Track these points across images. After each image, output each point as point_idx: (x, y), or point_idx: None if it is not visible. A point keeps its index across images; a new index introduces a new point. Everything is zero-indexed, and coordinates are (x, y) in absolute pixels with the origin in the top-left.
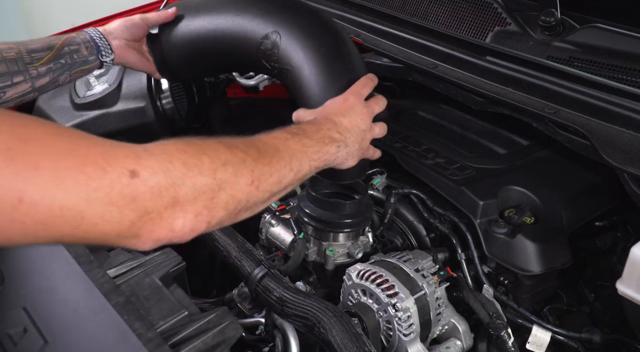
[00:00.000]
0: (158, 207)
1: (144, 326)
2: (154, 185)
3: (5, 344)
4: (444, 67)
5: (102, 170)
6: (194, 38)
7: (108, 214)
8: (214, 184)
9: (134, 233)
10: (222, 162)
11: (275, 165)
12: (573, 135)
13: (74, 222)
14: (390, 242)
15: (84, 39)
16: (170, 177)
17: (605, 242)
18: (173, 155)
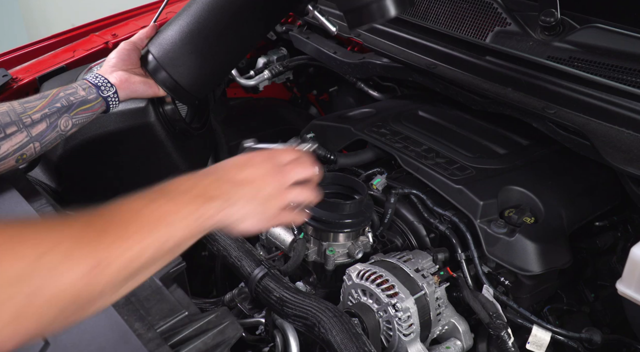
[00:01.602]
0: None
1: (144, 326)
2: None
3: None
4: (444, 67)
5: None
6: (189, 34)
7: None
8: (15, 288)
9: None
10: (36, 257)
11: (120, 247)
12: (573, 135)
13: None
14: (390, 242)
15: (80, 83)
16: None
17: (605, 242)
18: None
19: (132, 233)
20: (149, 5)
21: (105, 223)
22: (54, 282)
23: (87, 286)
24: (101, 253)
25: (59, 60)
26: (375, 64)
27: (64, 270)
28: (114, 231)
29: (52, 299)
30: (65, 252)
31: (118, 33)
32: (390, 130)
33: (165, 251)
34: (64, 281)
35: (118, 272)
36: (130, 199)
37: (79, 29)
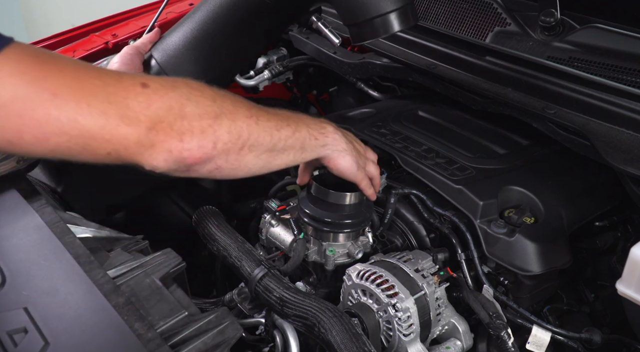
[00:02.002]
0: (169, 117)
1: (144, 327)
2: (163, 95)
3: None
4: (444, 67)
5: (116, 80)
6: (192, 40)
7: (127, 118)
8: (215, 106)
9: (150, 141)
10: (221, 94)
11: (272, 115)
12: (573, 135)
13: (100, 121)
14: (390, 243)
15: None
16: (176, 92)
17: (605, 242)
18: (177, 80)
19: (277, 113)
20: (149, 5)
21: (256, 104)
22: (234, 112)
23: (253, 124)
24: (257, 111)
25: None
26: (375, 64)
27: (240, 107)
28: (264, 108)
29: (235, 121)
30: (235, 99)
31: (118, 33)
32: (390, 130)
33: (294, 140)
34: (240, 114)
35: (265, 129)
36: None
37: (79, 29)
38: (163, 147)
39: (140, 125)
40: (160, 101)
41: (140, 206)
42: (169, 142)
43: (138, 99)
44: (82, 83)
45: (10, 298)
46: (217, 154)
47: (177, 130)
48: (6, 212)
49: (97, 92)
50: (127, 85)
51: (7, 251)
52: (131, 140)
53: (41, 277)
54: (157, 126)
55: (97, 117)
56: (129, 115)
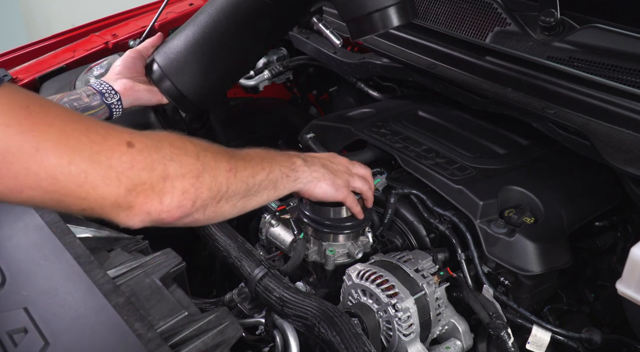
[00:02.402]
0: (151, 179)
1: (144, 327)
2: (147, 156)
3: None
4: (444, 67)
5: (103, 137)
6: (194, 44)
7: (108, 178)
8: (198, 164)
9: (129, 202)
10: (203, 148)
11: (248, 162)
12: (573, 135)
13: (78, 180)
14: (390, 243)
15: (85, 89)
16: (160, 153)
17: (605, 242)
18: (161, 137)
19: (252, 158)
20: (149, 5)
21: (234, 149)
22: (216, 167)
23: (232, 177)
24: (235, 162)
25: (59, 61)
26: (375, 64)
27: (220, 162)
28: (241, 153)
29: (216, 177)
30: (216, 153)
31: (118, 33)
32: (390, 130)
33: (268, 182)
34: (221, 168)
35: (242, 180)
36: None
37: (79, 29)
38: (142, 209)
39: (121, 186)
40: (144, 162)
41: None
42: (148, 205)
43: (122, 159)
44: (67, 139)
45: (10, 298)
46: (195, 210)
47: (159, 192)
48: (6, 212)
49: (81, 149)
50: (112, 144)
51: (7, 251)
52: (109, 200)
53: (41, 277)
54: (138, 188)
55: (76, 176)
56: (110, 176)
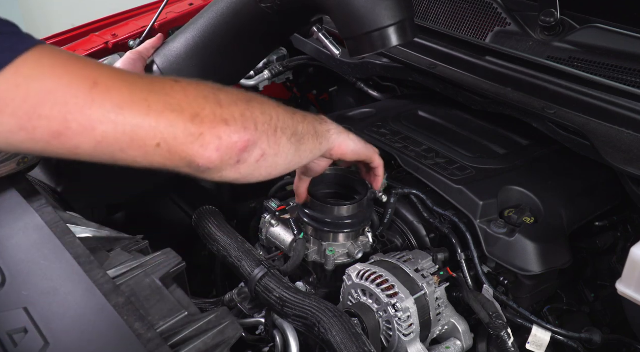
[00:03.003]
0: (209, 104)
1: (144, 327)
2: (196, 87)
3: (5, 345)
4: (444, 67)
5: (150, 76)
6: (193, 48)
7: (169, 105)
8: (241, 94)
9: (198, 129)
10: (237, 93)
11: (280, 104)
12: (573, 135)
13: (142, 108)
14: (390, 243)
15: None
16: (206, 85)
17: (605, 242)
18: (198, 81)
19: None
20: (149, 5)
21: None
22: (259, 100)
23: (275, 111)
24: (275, 105)
25: None
26: (375, 64)
27: (258, 97)
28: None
29: (262, 107)
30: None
31: (118, 33)
32: (390, 130)
33: (307, 124)
34: (265, 102)
35: (286, 114)
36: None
37: (79, 29)
38: (212, 134)
39: (184, 113)
40: (196, 91)
41: (140, 206)
42: (216, 129)
43: (175, 89)
44: (120, 75)
45: (10, 298)
46: (259, 136)
47: (220, 117)
48: (6, 212)
49: (136, 82)
50: (161, 79)
51: (7, 251)
52: (179, 129)
53: (41, 277)
54: (201, 114)
55: (139, 104)
56: (171, 103)
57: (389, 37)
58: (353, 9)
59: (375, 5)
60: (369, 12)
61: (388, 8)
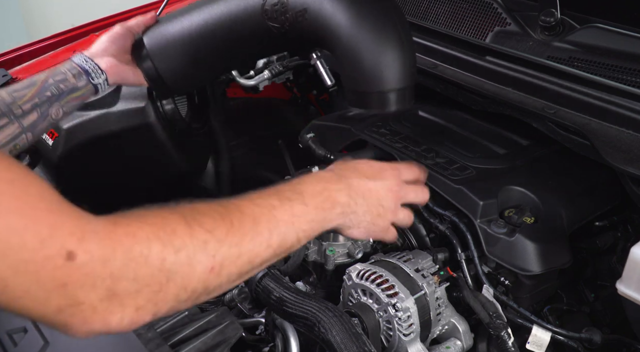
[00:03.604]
0: (91, 299)
1: (143, 326)
2: (88, 272)
3: (5, 344)
4: (444, 67)
5: (40, 243)
6: (186, 36)
7: (34, 293)
8: (160, 275)
9: (63, 321)
10: (175, 249)
11: (246, 245)
12: (573, 135)
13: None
14: (390, 242)
15: (69, 67)
16: (108, 267)
17: (605, 242)
18: (117, 242)
19: (259, 231)
20: (148, 6)
21: (236, 220)
22: (189, 272)
23: (214, 277)
24: (224, 253)
25: (59, 60)
26: None
27: (198, 263)
28: (242, 229)
29: (187, 285)
30: (200, 246)
31: None
32: (390, 130)
33: (276, 256)
34: (198, 272)
35: (240, 267)
36: (265, 193)
37: (79, 29)
38: (80, 329)
39: (50, 304)
40: (82, 280)
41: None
42: (88, 325)
43: (53, 275)
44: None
45: None
46: (159, 317)
47: (103, 312)
48: None
49: (7, 254)
50: (48, 253)
51: None
52: (36, 315)
53: None
54: (74, 307)
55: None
56: (36, 291)
57: (388, 102)
58: (361, 65)
59: (383, 68)
60: (376, 73)
61: (394, 73)
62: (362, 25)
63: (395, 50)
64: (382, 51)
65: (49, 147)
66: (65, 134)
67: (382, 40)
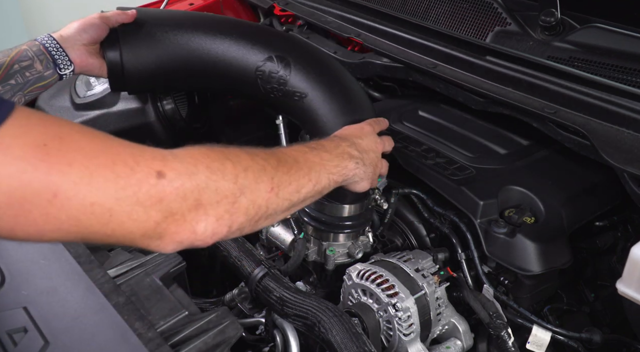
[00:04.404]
0: (182, 209)
1: (144, 326)
2: (179, 186)
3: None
4: (444, 67)
5: (131, 169)
6: (167, 46)
7: (135, 213)
8: (235, 188)
9: (159, 234)
10: (244, 168)
11: (294, 175)
12: (573, 135)
13: (103, 219)
14: (390, 242)
15: (38, 51)
16: (194, 180)
17: (605, 242)
18: (198, 159)
19: (300, 167)
20: (148, 5)
21: (282, 156)
22: (256, 189)
23: (274, 197)
24: (279, 178)
25: None
26: (375, 64)
27: (261, 182)
28: (288, 163)
29: (255, 200)
30: (261, 169)
31: None
32: (390, 130)
33: (315, 192)
34: (262, 190)
35: (285, 197)
36: (294, 145)
37: None
38: (173, 238)
39: (149, 220)
40: (175, 193)
41: None
42: (180, 234)
43: (150, 192)
44: (90, 178)
45: (10, 298)
46: (231, 233)
47: (191, 222)
48: None
49: (106, 186)
50: (140, 176)
51: (7, 250)
52: (137, 234)
53: (41, 276)
54: (168, 219)
55: (101, 216)
56: (137, 211)
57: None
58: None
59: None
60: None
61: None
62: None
63: None
64: None
65: None
66: None
67: None
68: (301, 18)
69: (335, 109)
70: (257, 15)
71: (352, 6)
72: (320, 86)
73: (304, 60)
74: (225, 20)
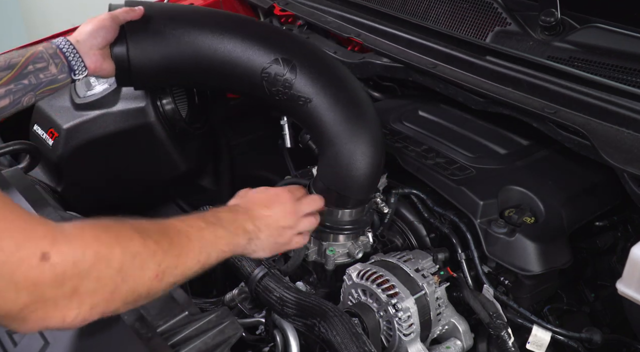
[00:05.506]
0: (56, 296)
1: (144, 326)
2: (59, 273)
3: (5, 344)
4: (444, 67)
5: (16, 246)
6: (175, 47)
7: (5, 292)
8: (118, 277)
9: (22, 317)
10: (132, 255)
11: (183, 258)
12: (573, 135)
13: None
14: (390, 242)
15: (53, 54)
16: (78, 266)
17: (605, 242)
18: (87, 243)
19: (192, 248)
20: None
21: (175, 236)
22: (140, 277)
23: (157, 283)
24: (167, 263)
25: None
26: (375, 64)
27: (147, 270)
28: (180, 244)
29: (135, 289)
30: (150, 255)
31: None
32: (390, 130)
33: (206, 265)
34: (146, 277)
35: (169, 281)
36: (194, 217)
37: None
38: (37, 324)
39: (17, 302)
40: (53, 279)
41: (139, 206)
42: (46, 321)
43: (27, 274)
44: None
45: None
46: (103, 316)
47: (62, 309)
48: None
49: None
50: (23, 255)
51: None
52: (0, 312)
53: None
54: (38, 303)
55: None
56: (8, 290)
57: (347, 204)
58: (338, 162)
59: (357, 177)
60: (348, 176)
61: (363, 185)
62: (354, 134)
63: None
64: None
65: (49, 147)
66: (65, 134)
67: (361, 156)
68: (301, 18)
69: (339, 118)
70: (257, 15)
71: (352, 6)
72: (325, 92)
73: (311, 64)
74: (234, 17)
